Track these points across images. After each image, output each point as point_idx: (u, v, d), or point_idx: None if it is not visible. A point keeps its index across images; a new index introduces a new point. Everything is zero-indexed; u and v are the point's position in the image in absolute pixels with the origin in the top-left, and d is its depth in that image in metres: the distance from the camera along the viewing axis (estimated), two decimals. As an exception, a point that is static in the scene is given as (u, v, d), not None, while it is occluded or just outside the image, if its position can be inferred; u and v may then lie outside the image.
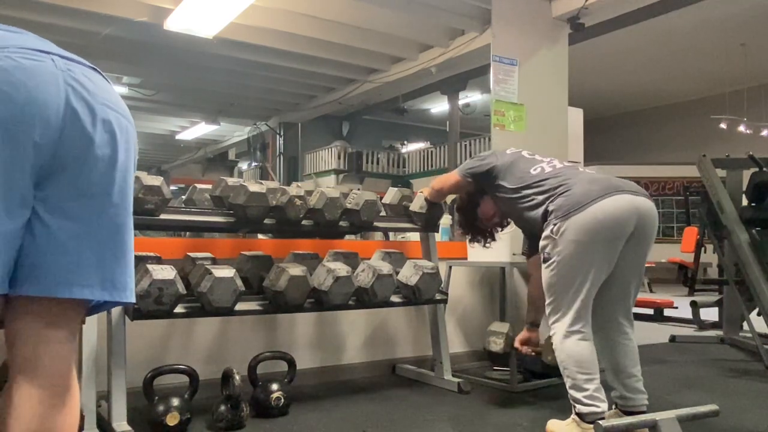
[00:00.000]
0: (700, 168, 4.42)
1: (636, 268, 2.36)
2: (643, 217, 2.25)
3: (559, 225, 2.24)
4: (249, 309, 2.65)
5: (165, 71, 7.77)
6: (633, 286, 2.40)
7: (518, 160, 2.54)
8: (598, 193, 2.22)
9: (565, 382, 2.31)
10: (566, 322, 2.29)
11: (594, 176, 2.36)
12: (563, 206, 2.24)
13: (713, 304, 5.58)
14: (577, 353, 2.26)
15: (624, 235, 2.23)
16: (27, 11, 5.48)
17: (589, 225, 2.19)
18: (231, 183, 2.77)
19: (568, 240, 2.21)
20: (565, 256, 2.23)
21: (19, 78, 1.01)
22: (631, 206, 2.23)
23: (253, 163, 11.98)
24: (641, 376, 2.40)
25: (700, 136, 11.86)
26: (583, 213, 2.19)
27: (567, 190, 2.28)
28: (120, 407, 2.32)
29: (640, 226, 2.25)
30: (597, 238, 2.20)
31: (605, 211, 2.18)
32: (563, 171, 2.40)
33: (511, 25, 4.58)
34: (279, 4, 5.46)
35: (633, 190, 2.29)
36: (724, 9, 8.22)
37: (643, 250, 2.34)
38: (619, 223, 2.21)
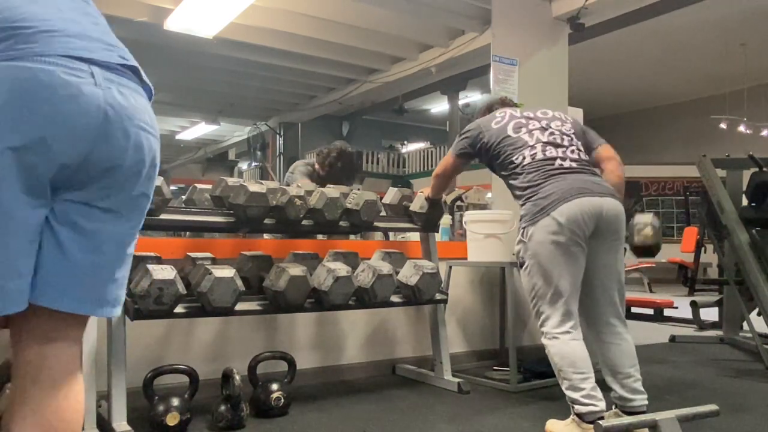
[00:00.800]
0: (700, 168, 4.42)
1: (611, 266, 2.42)
2: (605, 216, 2.34)
3: (527, 229, 2.38)
4: (249, 309, 2.65)
5: (165, 71, 7.76)
6: (614, 285, 2.43)
7: (504, 140, 2.53)
8: (560, 196, 2.32)
9: (561, 384, 2.32)
10: (553, 324, 2.33)
11: (561, 178, 2.39)
12: (530, 211, 2.38)
13: (713, 304, 5.58)
14: (569, 353, 2.29)
15: (585, 234, 2.32)
16: (27, 11, 5.48)
17: (552, 227, 2.30)
18: (231, 183, 2.77)
19: (536, 242, 2.35)
20: (537, 258, 2.35)
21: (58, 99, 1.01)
22: (590, 207, 2.31)
23: (253, 163, 11.98)
24: (639, 376, 2.40)
25: (700, 136, 11.86)
26: (547, 217, 2.31)
27: (533, 195, 2.39)
28: (120, 407, 2.32)
29: (603, 225, 2.34)
30: (560, 239, 2.30)
31: (564, 214, 2.29)
32: (537, 168, 2.43)
33: (511, 25, 4.58)
34: (279, 4, 5.46)
35: (597, 191, 2.36)
36: (724, 9, 8.22)
37: (614, 249, 2.41)
38: (578, 223, 2.30)
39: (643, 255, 3.14)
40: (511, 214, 3.33)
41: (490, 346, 3.99)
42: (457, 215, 4.30)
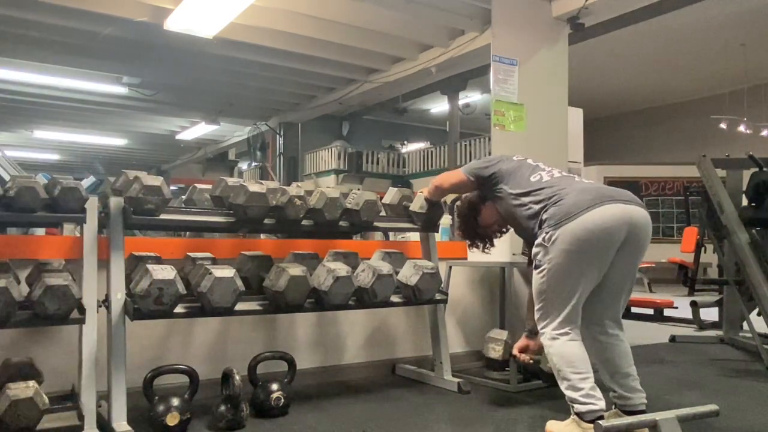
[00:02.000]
0: (700, 168, 4.42)
1: (628, 275, 2.39)
2: (635, 225, 2.27)
3: (550, 233, 2.27)
4: (249, 309, 2.64)
5: (165, 71, 7.77)
6: (624, 292, 2.43)
7: (521, 166, 2.56)
8: (589, 202, 2.24)
9: (560, 384, 2.32)
10: (554, 326, 2.32)
11: (588, 186, 2.38)
12: (555, 215, 2.28)
13: (713, 304, 5.58)
14: (568, 353, 2.29)
15: (614, 244, 2.25)
16: (27, 11, 5.48)
17: (580, 234, 2.21)
18: (231, 183, 2.77)
19: (559, 248, 2.25)
20: (556, 264, 2.27)
21: None
22: (622, 215, 2.25)
23: (253, 163, 11.98)
24: (637, 375, 2.40)
25: (700, 136, 11.86)
26: (574, 222, 2.22)
27: (560, 200, 2.31)
28: (120, 407, 2.32)
29: (632, 235, 2.27)
30: (587, 247, 2.22)
31: (595, 221, 2.21)
32: (559, 180, 2.43)
33: (511, 25, 4.58)
34: (279, 4, 5.46)
35: (625, 198, 2.31)
36: (724, 9, 8.22)
37: (636, 258, 2.36)
38: (609, 232, 2.22)
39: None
40: (511, 214, 3.32)
41: (490, 346, 3.99)
42: (457, 220, 4.30)
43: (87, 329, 2.33)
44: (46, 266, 2.46)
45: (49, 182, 2.42)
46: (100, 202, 2.47)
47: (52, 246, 2.71)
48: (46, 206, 2.34)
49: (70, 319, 2.25)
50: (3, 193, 2.28)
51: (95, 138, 12.83)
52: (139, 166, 7.59)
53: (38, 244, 2.72)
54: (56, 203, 2.35)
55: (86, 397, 2.30)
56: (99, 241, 2.43)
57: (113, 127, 11.86)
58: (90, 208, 2.41)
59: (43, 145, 13.63)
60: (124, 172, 2.60)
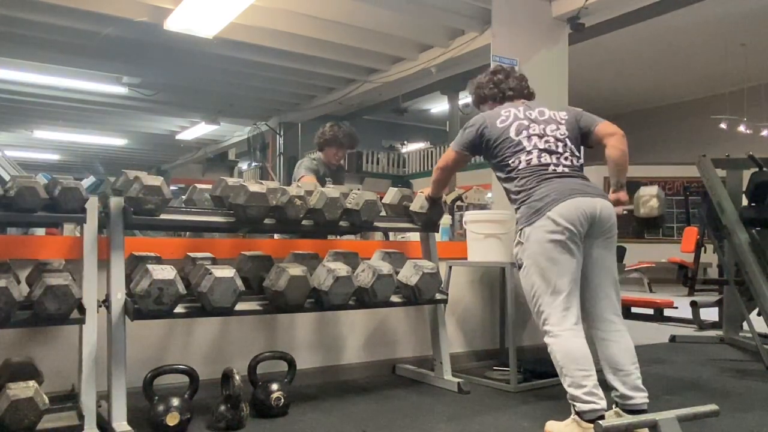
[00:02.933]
0: (700, 168, 4.42)
1: (606, 265, 2.47)
2: (599, 215, 2.41)
3: (524, 230, 2.45)
4: (249, 309, 2.64)
5: (165, 71, 7.76)
6: (609, 282, 2.49)
7: (505, 141, 2.58)
8: (554, 198, 2.39)
9: (563, 381, 2.32)
10: (554, 321, 2.35)
11: (555, 182, 2.46)
12: (526, 213, 2.45)
13: (713, 304, 5.59)
14: (571, 350, 2.30)
15: (581, 232, 2.38)
16: (27, 11, 5.48)
17: (548, 227, 2.37)
18: (231, 183, 2.77)
19: (533, 242, 2.41)
20: (535, 258, 2.40)
21: None
22: (585, 206, 2.39)
23: (253, 163, 11.96)
24: (639, 374, 2.41)
25: (700, 136, 11.85)
26: (543, 217, 2.38)
27: (527, 198, 2.47)
28: (120, 407, 2.32)
29: (597, 223, 2.41)
30: (557, 238, 2.36)
31: (560, 214, 2.36)
32: (531, 173, 2.49)
33: (511, 25, 4.58)
34: (279, 4, 5.46)
35: (589, 192, 2.44)
36: (724, 9, 8.22)
37: (607, 246, 2.48)
38: (574, 222, 2.36)
39: (647, 227, 3.15)
40: (510, 214, 3.32)
41: (490, 346, 3.99)
42: (457, 215, 4.31)
43: (87, 329, 2.33)
44: (46, 266, 2.46)
45: (49, 182, 2.42)
46: (100, 202, 2.47)
47: (52, 246, 2.71)
48: (46, 206, 2.34)
49: (70, 319, 2.25)
50: (3, 193, 2.28)
51: (95, 138, 12.81)
52: (139, 166, 7.59)
53: (38, 244, 2.72)
54: (56, 203, 2.35)
55: (86, 397, 2.30)
56: (99, 241, 2.43)
57: (113, 127, 11.85)
58: (90, 208, 2.41)
59: (43, 145, 13.62)
60: (124, 172, 2.60)
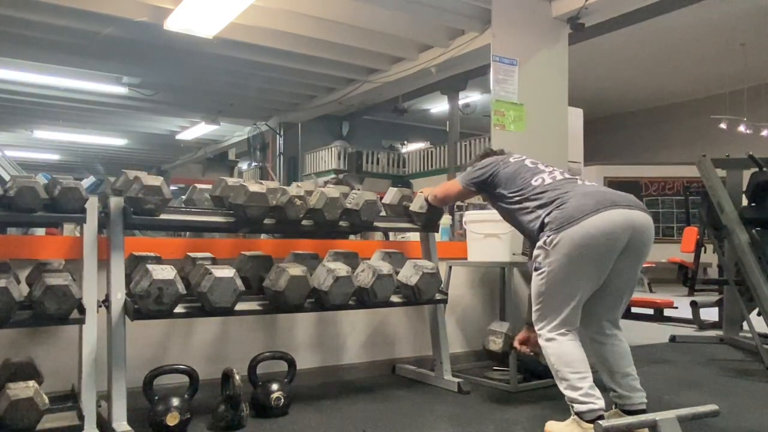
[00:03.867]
0: (700, 168, 4.42)
1: (629, 280, 2.40)
2: (637, 231, 2.28)
3: (552, 237, 2.28)
4: (249, 309, 2.64)
5: (165, 71, 7.76)
6: (625, 296, 2.45)
7: (520, 169, 2.56)
8: (592, 207, 2.24)
9: (559, 384, 2.32)
10: (551, 327, 2.34)
11: (590, 190, 2.38)
12: (557, 219, 2.28)
13: (713, 304, 5.58)
14: (565, 353, 2.30)
15: (616, 250, 2.26)
16: (27, 11, 5.48)
17: (581, 239, 2.22)
18: (231, 183, 2.77)
19: (560, 252, 2.25)
20: (556, 267, 2.27)
21: None
22: (625, 220, 2.25)
23: (253, 163, 11.96)
24: (636, 375, 2.41)
25: (700, 136, 11.84)
26: (576, 227, 2.22)
27: (562, 204, 2.31)
28: (120, 407, 2.32)
29: (634, 240, 2.27)
30: (588, 252, 2.23)
31: (597, 226, 2.21)
32: (562, 184, 2.42)
33: (511, 25, 4.58)
34: (279, 4, 5.46)
35: (628, 203, 2.31)
36: (724, 9, 8.22)
37: (638, 263, 2.37)
38: (610, 238, 2.23)
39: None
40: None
41: (490, 346, 3.99)
42: (457, 215, 4.31)
43: (87, 329, 2.33)
44: (46, 266, 2.47)
45: (49, 182, 2.42)
46: (100, 202, 2.47)
47: (52, 246, 2.71)
48: (46, 206, 2.34)
49: (70, 319, 2.25)
50: (3, 193, 2.28)
51: (95, 138, 12.82)
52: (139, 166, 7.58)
53: (38, 244, 2.72)
54: (56, 203, 2.35)
55: (86, 397, 2.30)
56: (99, 241, 2.43)
57: (113, 127, 11.85)
58: (90, 208, 2.41)
59: (43, 145, 13.62)
60: (124, 172, 2.60)
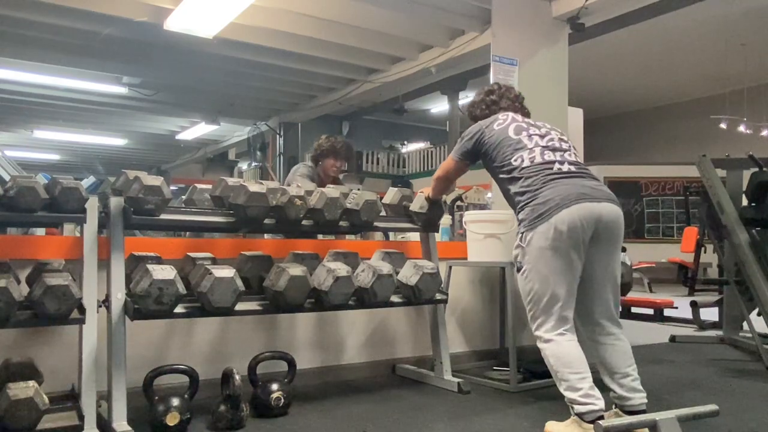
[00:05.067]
0: (700, 168, 4.42)
1: (606, 270, 2.45)
2: (603, 222, 2.37)
3: (525, 234, 2.41)
4: (249, 309, 2.64)
5: (165, 71, 7.76)
6: (609, 288, 2.46)
7: (505, 140, 2.57)
8: (558, 203, 2.34)
9: (559, 385, 2.33)
10: (548, 328, 2.36)
11: (560, 183, 2.41)
12: (529, 217, 2.40)
13: (713, 304, 5.58)
14: (564, 354, 2.31)
15: (583, 240, 2.35)
16: (27, 11, 5.48)
17: (550, 234, 2.32)
18: (231, 183, 2.77)
19: (534, 248, 2.37)
20: (534, 263, 2.37)
21: None
22: (589, 214, 2.34)
23: (253, 163, 11.96)
24: (637, 375, 2.42)
25: (700, 136, 11.85)
26: (546, 223, 2.33)
27: (532, 200, 2.40)
28: (120, 407, 2.32)
29: (600, 230, 2.37)
30: (558, 245, 2.33)
31: (564, 221, 2.31)
32: (537, 170, 2.45)
33: (511, 25, 4.58)
34: (279, 4, 5.46)
35: (595, 197, 2.38)
36: (724, 9, 8.21)
37: (610, 252, 2.44)
38: (576, 230, 2.32)
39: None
40: (511, 214, 3.32)
41: (490, 346, 3.99)
42: (457, 215, 4.30)
43: (87, 329, 2.33)
44: (46, 266, 2.46)
45: (49, 182, 2.42)
46: (100, 202, 2.47)
47: (52, 246, 2.71)
48: (46, 206, 2.34)
49: (70, 319, 2.25)
50: (3, 193, 2.28)
51: (95, 138, 12.81)
52: (139, 166, 7.58)
53: (38, 244, 2.72)
54: (56, 203, 2.35)
55: (86, 397, 2.30)
56: (99, 241, 2.43)
57: (113, 127, 11.85)
58: (90, 208, 2.41)
59: (43, 145, 13.62)
60: (124, 172, 2.60)
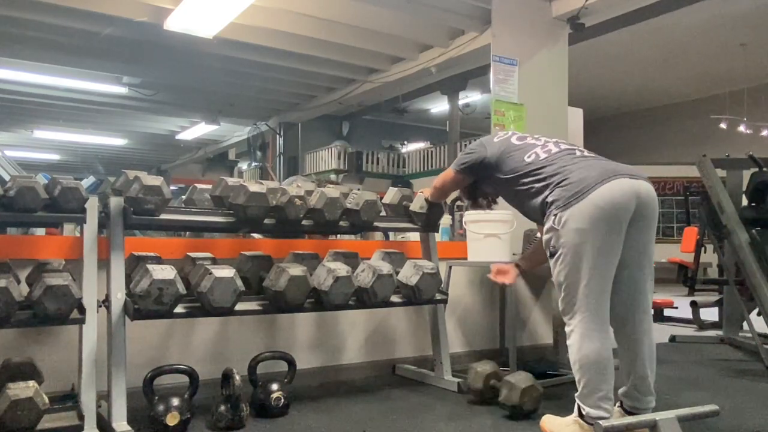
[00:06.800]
0: (700, 168, 4.42)
1: (645, 253, 2.28)
2: (642, 199, 2.21)
3: (560, 215, 2.20)
4: (249, 309, 2.64)
5: (165, 71, 7.77)
6: (647, 271, 2.30)
7: (509, 148, 2.51)
8: (595, 179, 2.18)
9: (578, 381, 2.21)
10: (583, 318, 2.18)
11: (590, 162, 2.30)
12: (562, 196, 2.21)
13: (713, 304, 5.58)
14: (594, 351, 2.16)
15: (625, 218, 2.18)
16: (27, 11, 5.49)
17: (590, 212, 2.15)
18: (231, 183, 2.77)
19: (570, 229, 2.17)
20: (571, 246, 2.18)
21: None
22: (630, 190, 2.18)
23: (253, 163, 11.97)
24: (654, 376, 2.30)
25: (700, 136, 11.85)
26: (583, 201, 2.16)
27: (563, 180, 2.25)
28: (120, 407, 2.31)
29: (640, 208, 2.21)
30: (599, 225, 2.15)
31: (604, 197, 2.15)
32: (559, 156, 2.36)
33: (511, 25, 4.58)
34: (279, 4, 5.46)
35: (631, 173, 2.24)
36: (724, 9, 8.22)
37: (648, 233, 2.27)
38: (618, 207, 2.16)
39: None
40: (511, 214, 3.33)
41: (490, 346, 3.99)
42: (457, 215, 4.30)
43: (87, 329, 2.33)
44: (46, 266, 2.46)
45: (49, 182, 2.41)
46: (100, 202, 2.47)
47: (52, 246, 2.71)
48: (46, 206, 2.34)
49: (70, 319, 2.25)
50: (3, 193, 2.28)
51: (95, 138, 12.83)
52: (139, 166, 7.59)
53: (38, 244, 2.72)
54: (56, 203, 2.35)
55: (86, 397, 2.30)
56: (99, 241, 2.43)
57: (113, 127, 11.86)
58: (90, 208, 2.41)
59: (43, 145, 13.63)
60: (124, 172, 2.60)
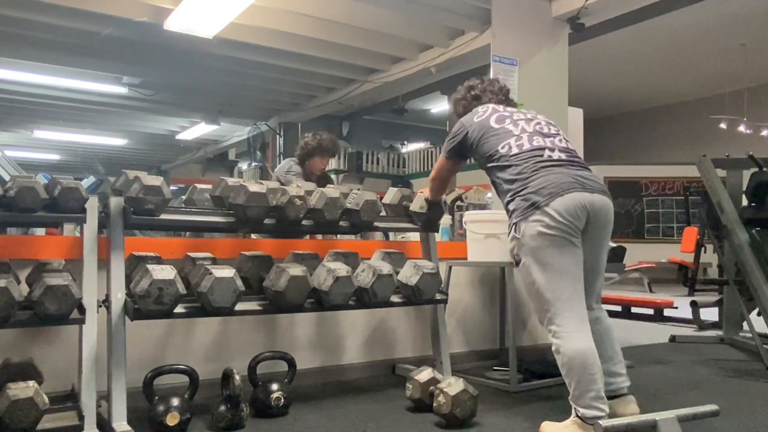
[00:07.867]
0: (700, 168, 4.42)
1: (596, 256, 2.47)
2: (594, 211, 2.37)
3: (519, 225, 2.38)
4: (249, 309, 2.64)
5: (165, 71, 7.77)
6: (598, 278, 2.52)
7: (487, 131, 2.56)
8: (552, 190, 2.32)
9: (568, 385, 2.26)
10: (561, 322, 2.29)
11: (550, 173, 2.38)
12: (520, 207, 2.37)
13: (713, 304, 5.58)
14: (579, 352, 2.24)
15: (577, 228, 2.34)
16: (27, 11, 5.48)
17: (545, 222, 2.30)
18: (231, 183, 2.77)
19: (530, 237, 2.33)
20: (533, 255, 2.34)
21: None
22: (580, 203, 2.33)
23: (253, 163, 11.96)
24: (621, 358, 2.47)
25: (700, 136, 11.85)
26: (540, 211, 2.31)
27: (522, 189, 2.38)
28: (120, 407, 2.31)
29: (592, 220, 2.37)
30: (555, 234, 2.30)
31: (558, 209, 2.30)
32: (524, 159, 2.43)
33: (511, 25, 4.58)
34: (279, 4, 5.46)
35: (588, 186, 2.38)
36: (724, 9, 8.22)
37: (601, 241, 2.46)
38: (571, 218, 2.31)
39: None
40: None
41: (490, 346, 3.99)
42: (457, 215, 4.31)
43: (87, 329, 2.33)
44: (46, 266, 2.47)
45: (49, 182, 2.42)
46: (100, 202, 2.47)
47: (52, 246, 2.71)
48: (46, 206, 2.34)
49: (70, 319, 2.25)
50: (3, 193, 2.28)
51: (95, 138, 12.81)
52: (139, 166, 7.59)
53: (38, 244, 2.72)
54: (56, 203, 2.35)
55: (86, 397, 2.30)
56: (99, 241, 2.43)
57: (113, 127, 11.85)
58: (90, 208, 2.41)
59: (43, 145, 13.62)
60: (124, 172, 2.60)
